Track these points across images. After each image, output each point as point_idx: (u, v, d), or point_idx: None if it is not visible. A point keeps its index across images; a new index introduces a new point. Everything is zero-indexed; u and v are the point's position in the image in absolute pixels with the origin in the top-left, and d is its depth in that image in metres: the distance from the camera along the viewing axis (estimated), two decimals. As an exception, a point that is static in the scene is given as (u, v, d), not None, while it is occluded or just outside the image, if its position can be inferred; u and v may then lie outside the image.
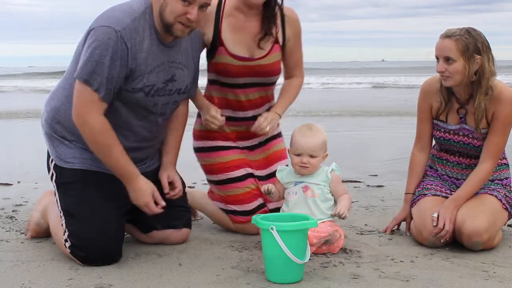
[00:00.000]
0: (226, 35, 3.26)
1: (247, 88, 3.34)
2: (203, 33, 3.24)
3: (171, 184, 3.11)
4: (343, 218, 2.95)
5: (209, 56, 3.32)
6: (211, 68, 3.35)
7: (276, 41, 3.32)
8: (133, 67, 2.80)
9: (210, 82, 3.42)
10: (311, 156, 3.02)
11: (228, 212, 3.40)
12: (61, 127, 2.99)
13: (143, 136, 3.01)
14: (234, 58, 3.26)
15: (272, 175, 3.35)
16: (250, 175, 3.40)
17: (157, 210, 2.94)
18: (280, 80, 3.48)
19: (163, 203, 2.96)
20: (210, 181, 3.49)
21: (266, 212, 3.31)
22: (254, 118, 3.35)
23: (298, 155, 3.03)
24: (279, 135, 3.54)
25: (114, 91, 2.80)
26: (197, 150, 3.47)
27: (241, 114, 3.39)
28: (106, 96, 2.78)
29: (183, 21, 2.81)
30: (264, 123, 3.26)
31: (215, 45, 3.27)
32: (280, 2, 3.28)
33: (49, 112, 3.04)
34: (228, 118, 3.36)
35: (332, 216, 2.96)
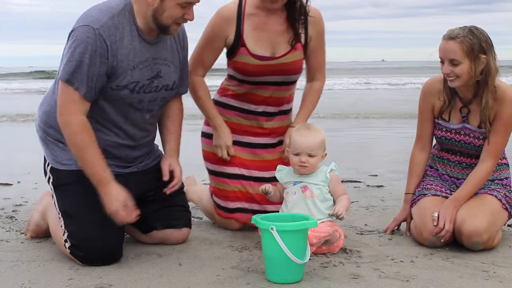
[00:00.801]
0: (248, 35, 3.27)
1: (265, 85, 3.34)
2: (226, 35, 3.27)
3: (171, 173, 3.11)
4: (340, 219, 2.95)
5: (229, 55, 3.33)
6: (230, 65, 3.37)
7: (298, 40, 3.32)
8: (115, 64, 2.82)
9: (229, 76, 3.44)
10: (310, 156, 3.02)
11: (214, 202, 3.48)
12: (53, 131, 2.99)
13: (133, 134, 3.02)
14: (255, 58, 3.27)
15: (268, 179, 3.37)
16: (241, 177, 3.41)
17: (126, 219, 2.85)
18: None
19: (136, 214, 2.86)
20: (206, 168, 3.54)
21: (247, 217, 3.31)
22: (264, 114, 3.40)
23: (297, 154, 3.03)
24: None
25: (96, 89, 2.81)
26: (203, 135, 3.50)
27: (252, 107, 3.41)
28: (87, 94, 2.79)
29: (180, 21, 2.88)
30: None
31: (236, 46, 3.28)
32: (305, 2, 3.27)
33: (41, 117, 3.06)
34: (237, 108, 3.41)
35: (330, 216, 2.97)
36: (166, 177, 3.08)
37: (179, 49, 3.10)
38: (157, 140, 3.25)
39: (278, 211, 3.10)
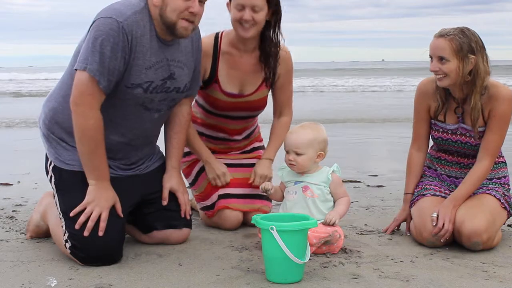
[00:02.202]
0: (222, 72, 3.38)
1: (233, 119, 3.50)
2: (204, 68, 3.35)
3: (173, 194, 3.16)
4: (332, 225, 2.94)
5: (202, 86, 3.42)
6: (201, 94, 3.47)
7: (268, 80, 3.45)
8: (131, 61, 2.81)
9: (198, 104, 3.55)
10: (297, 154, 3.01)
11: (201, 209, 3.56)
12: (59, 128, 2.99)
13: (139, 133, 3.02)
14: (225, 95, 3.39)
15: (250, 196, 3.50)
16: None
17: (102, 220, 2.81)
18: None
19: (121, 215, 2.91)
20: (188, 183, 3.62)
21: (227, 202, 3.43)
22: (233, 140, 3.58)
23: (287, 152, 3.04)
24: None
25: (113, 83, 2.80)
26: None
27: (221, 135, 3.57)
28: (106, 87, 2.79)
29: (186, 16, 2.84)
30: (258, 179, 3.46)
31: (210, 81, 3.38)
32: (278, 43, 3.35)
33: (46, 114, 3.05)
34: (206, 135, 3.55)
35: (323, 223, 2.95)
36: (165, 202, 3.13)
37: (194, 51, 3.10)
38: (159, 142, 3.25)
39: (244, 193, 3.17)
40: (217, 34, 3.41)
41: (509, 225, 3.51)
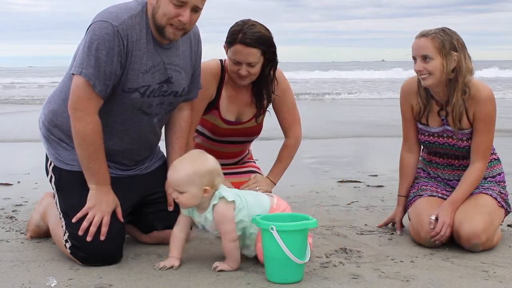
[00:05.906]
0: (223, 102, 3.47)
1: (230, 144, 3.58)
2: (211, 92, 3.41)
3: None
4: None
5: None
6: (200, 121, 3.51)
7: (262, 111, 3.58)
8: (128, 65, 2.80)
9: (197, 131, 3.58)
10: (179, 192, 2.69)
11: None
12: (58, 130, 2.99)
13: (137, 138, 3.01)
14: (223, 122, 3.48)
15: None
16: None
17: (103, 225, 2.79)
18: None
19: (121, 220, 2.89)
20: None
21: None
22: (224, 164, 3.55)
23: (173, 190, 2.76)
24: None
25: (110, 87, 2.79)
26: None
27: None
28: (103, 92, 2.78)
29: (175, 23, 2.81)
30: (255, 185, 3.49)
31: (212, 105, 3.45)
32: (269, 82, 3.42)
33: (46, 115, 3.05)
34: None
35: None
36: (171, 208, 3.11)
37: (192, 55, 3.09)
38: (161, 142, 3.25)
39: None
40: (221, 61, 3.47)
41: (509, 225, 3.51)
